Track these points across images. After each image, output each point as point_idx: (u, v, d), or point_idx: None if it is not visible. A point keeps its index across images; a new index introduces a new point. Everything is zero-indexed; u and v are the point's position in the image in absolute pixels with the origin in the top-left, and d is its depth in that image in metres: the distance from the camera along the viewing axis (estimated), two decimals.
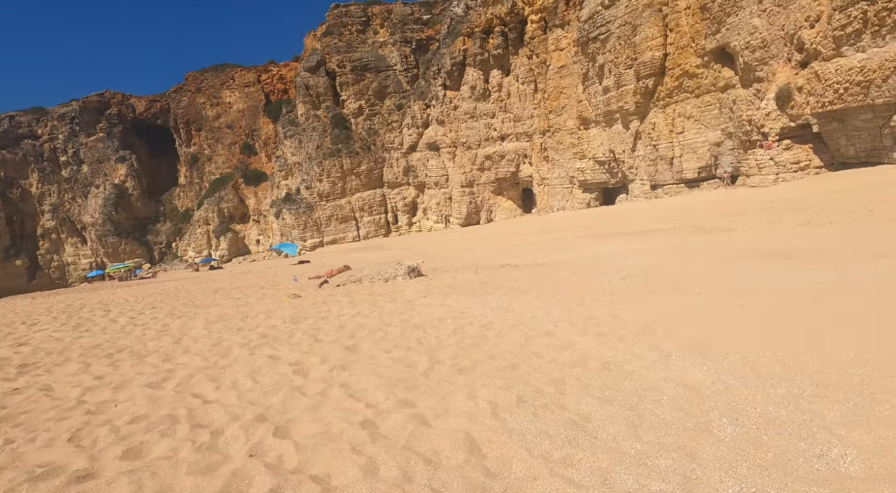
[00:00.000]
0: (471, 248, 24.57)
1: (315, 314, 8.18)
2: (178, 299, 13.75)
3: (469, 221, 51.67)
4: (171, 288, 19.86)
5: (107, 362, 5.93)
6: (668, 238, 15.86)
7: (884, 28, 21.41)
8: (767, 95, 26.71)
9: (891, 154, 22.65)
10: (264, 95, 69.01)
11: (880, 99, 21.92)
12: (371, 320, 7.00)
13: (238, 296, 12.81)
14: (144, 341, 7.33)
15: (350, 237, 55.14)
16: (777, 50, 26.50)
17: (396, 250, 31.84)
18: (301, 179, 56.00)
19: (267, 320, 8.11)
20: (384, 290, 10.71)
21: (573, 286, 8.01)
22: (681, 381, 3.06)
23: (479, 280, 10.44)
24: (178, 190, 73.16)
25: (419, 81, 56.89)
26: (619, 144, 37.03)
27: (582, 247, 16.62)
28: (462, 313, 6.62)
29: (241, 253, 64.20)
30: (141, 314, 11.00)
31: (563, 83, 43.21)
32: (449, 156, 53.55)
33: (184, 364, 5.43)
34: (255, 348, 5.86)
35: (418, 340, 5.26)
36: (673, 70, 32.01)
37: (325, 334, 6.27)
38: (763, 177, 26.61)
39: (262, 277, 21.24)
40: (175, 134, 73.11)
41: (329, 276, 16.48)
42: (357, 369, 4.35)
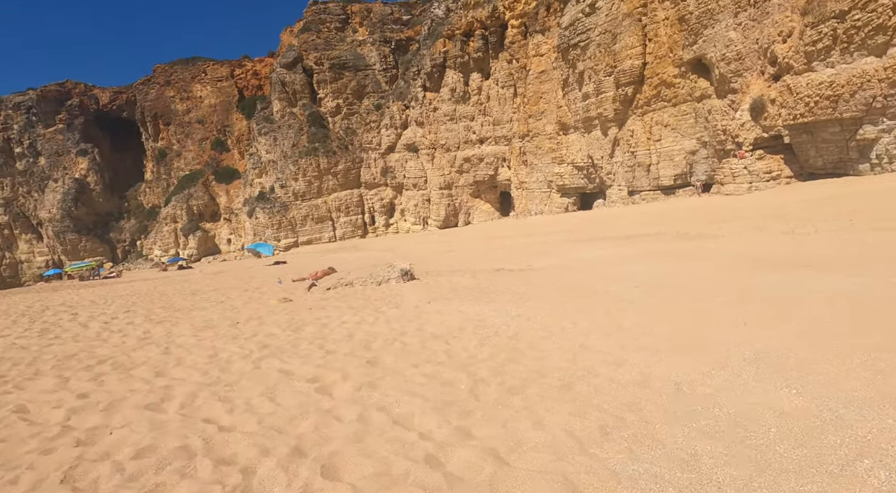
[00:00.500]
0: (454, 250, 24.20)
1: (314, 321, 7.62)
2: (153, 302, 12.82)
3: (447, 223, 51.35)
4: (141, 289, 18.68)
5: (88, 377, 5.24)
6: (656, 243, 15.89)
7: (852, 45, 22.23)
8: (742, 106, 27.41)
9: (856, 166, 23.55)
10: (238, 90, 66.91)
11: (847, 113, 22.75)
12: (380, 328, 6.51)
13: (220, 299, 12.02)
14: (126, 350, 6.62)
15: (326, 238, 53.98)
16: (751, 62, 27.23)
17: (376, 252, 31.18)
18: (276, 178, 54.47)
19: (262, 327, 7.49)
20: (381, 294, 10.20)
21: (586, 294, 7.72)
22: (776, 407, 2.75)
23: (479, 285, 10.06)
24: (143, 186, 70.04)
25: (398, 82, 56.28)
26: (597, 150, 37.41)
27: (571, 251, 16.48)
28: (481, 322, 6.21)
29: (210, 252, 61.94)
30: (114, 319, 10.13)
31: (543, 88, 43.44)
32: (428, 157, 53.14)
33: (181, 379, 4.83)
34: (259, 361, 5.29)
35: (446, 353, 4.82)
36: (651, 79, 32.53)
37: (335, 345, 5.75)
38: (737, 185, 27.26)
39: (240, 278, 20.27)
40: (142, 128, 70.03)
41: (315, 278, 15.80)
42: (388, 388, 3.89)
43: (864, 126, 22.52)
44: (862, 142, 22.88)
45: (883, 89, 21.44)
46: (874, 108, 21.86)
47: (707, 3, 28.56)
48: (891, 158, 22.22)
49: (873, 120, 22.16)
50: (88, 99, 71.89)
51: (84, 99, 71.38)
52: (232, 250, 61.72)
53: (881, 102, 21.60)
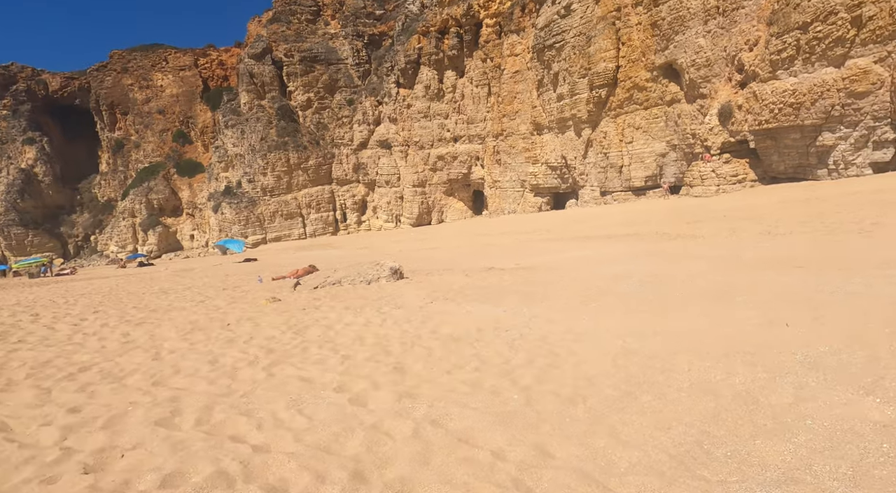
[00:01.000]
0: (434, 248, 23.87)
1: (314, 322, 7.16)
2: (123, 301, 11.91)
3: (420, 221, 50.95)
4: (103, 287, 17.44)
5: (74, 387, 4.66)
6: (639, 243, 16.06)
7: (813, 56, 23.24)
8: (711, 111, 28.27)
9: (814, 171, 24.68)
10: (202, 80, 64.20)
11: (808, 120, 23.80)
12: (391, 331, 6.14)
13: (199, 298, 11.27)
14: (109, 356, 5.99)
15: (296, 235, 52.56)
16: (719, 69, 28.11)
17: (352, 250, 30.49)
18: (243, 172, 52.57)
19: (258, 329, 6.98)
20: (375, 293, 9.79)
21: (593, 293, 7.58)
22: (870, 418, 2.61)
23: (478, 284, 9.80)
24: (98, 178, 66.22)
25: (371, 77, 55.37)
26: (571, 151, 37.86)
27: (556, 250, 16.46)
28: (498, 324, 5.95)
29: (172, 249, 59.25)
30: (84, 320, 9.30)
31: (517, 88, 43.63)
32: (401, 155, 52.54)
33: (185, 389, 4.33)
34: (270, 368, 4.84)
35: (478, 358, 4.53)
36: (624, 82, 33.14)
37: (349, 349, 5.35)
38: (706, 187, 28.09)
39: (212, 276, 19.27)
40: (97, 117, 66.13)
41: (297, 276, 15.17)
42: (431, 399, 3.57)
43: (823, 133, 23.62)
44: (821, 148, 24.00)
45: (841, 99, 22.53)
46: (832, 116, 22.95)
47: (678, 10, 29.29)
48: (846, 164, 23.39)
49: (831, 127, 23.27)
50: (37, 84, 67.28)
51: (32, 84, 66.76)
52: (195, 247, 59.24)
53: (839, 110, 22.70)
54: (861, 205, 16.44)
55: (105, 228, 61.81)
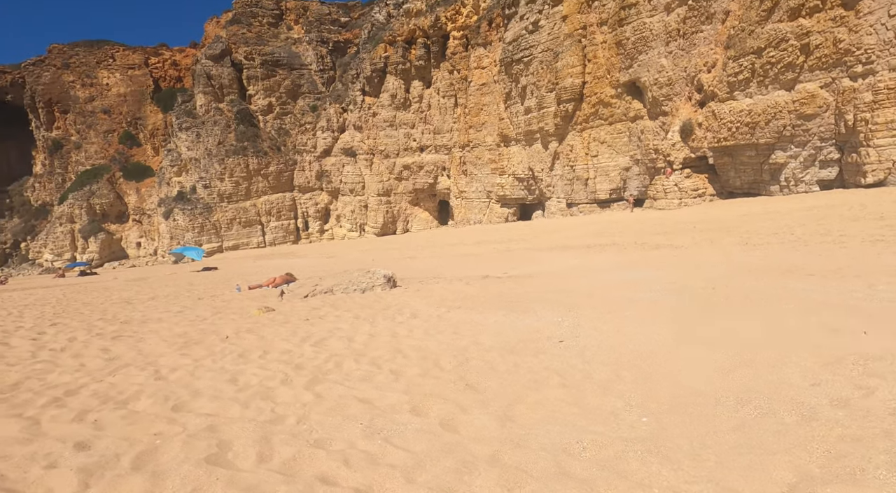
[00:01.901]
0: (411, 257, 23.20)
1: (328, 334, 6.42)
2: (82, 313, 10.52)
3: (385, 230, 50.02)
4: (49, 298, 15.54)
5: (69, 416, 3.74)
6: (625, 252, 16.14)
7: (767, 79, 24.68)
8: (673, 128, 29.41)
9: (768, 187, 26.09)
10: (153, 80, 60.59)
11: (763, 139, 25.18)
12: (424, 342, 5.54)
13: (175, 309, 10.09)
14: (97, 375, 5.02)
15: (255, 243, 50.20)
16: (680, 88, 29.36)
17: (319, 259, 29.26)
18: (198, 177, 49.75)
19: (266, 342, 6.16)
20: (375, 302, 9.09)
21: (619, 301, 7.28)
22: None
23: (484, 293, 9.32)
24: (32, 180, 60.73)
25: (336, 84, 54.21)
26: (538, 163, 38.35)
27: (544, 260, 16.27)
28: (541, 333, 5.49)
29: (115, 257, 55.01)
30: (42, 334, 8.02)
31: (484, 100, 43.93)
32: (366, 163, 51.57)
33: (217, 415, 3.55)
34: (311, 386, 4.12)
35: (554, 372, 4.04)
36: (590, 97, 34.00)
37: (392, 363, 4.71)
38: (669, 201, 29.08)
39: (174, 285, 17.70)
40: (31, 114, 60.81)
41: (274, 284, 14.17)
42: (539, 421, 3.04)
43: (776, 151, 25.05)
44: (773, 165, 25.41)
45: (791, 120, 23.98)
46: (784, 135, 24.39)
47: (642, 30, 30.43)
48: (796, 181, 24.86)
49: (783, 147, 24.71)
50: None
51: None
52: (142, 255, 55.31)
53: (790, 130, 24.15)
54: (820, 219, 17.34)
55: (38, 234, 56.53)
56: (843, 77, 22.06)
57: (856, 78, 21.62)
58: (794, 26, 23.18)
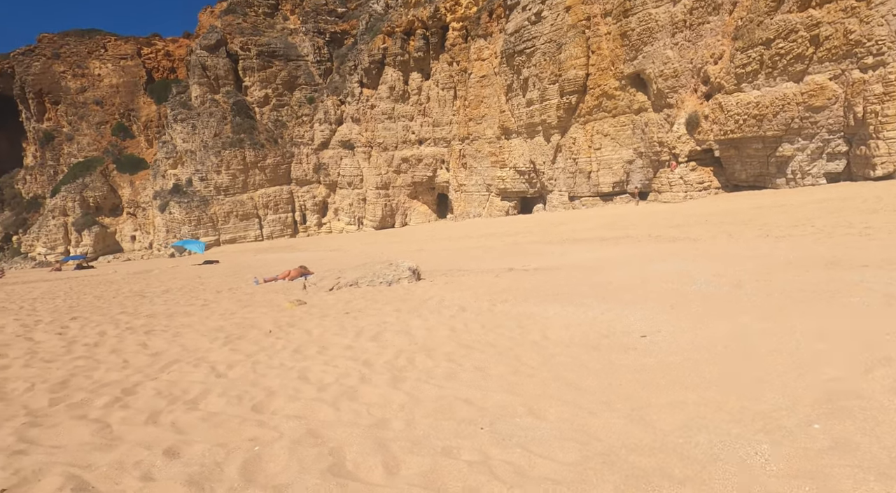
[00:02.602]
0: (419, 249, 22.83)
1: (377, 327, 6.03)
2: (99, 307, 10.00)
3: (384, 223, 49.56)
4: (56, 291, 14.94)
5: (140, 418, 3.30)
6: (640, 245, 15.88)
7: (775, 70, 24.49)
8: (679, 120, 29.20)
9: (774, 180, 25.99)
10: (146, 71, 59.26)
11: (770, 131, 25.04)
12: (490, 337, 5.17)
13: (199, 302, 9.62)
14: (149, 372, 4.57)
15: (252, 236, 49.50)
16: (686, 80, 29.13)
17: (323, 252, 28.78)
18: (194, 170, 48.83)
19: (316, 337, 5.75)
20: (408, 295, 8.72)
21: (667, 294, 6.93)
22: None
23: (519, 286, 8.95)
24: (23, 172, 59.31)
25: (333, 75, 53.40)
26: (539, 156, 38.03)
27: (560, 253, 15.96)
28: (613, 328, 5.15)
29: (110, 251, 53.98)
30: (66, 328, 7.53)
31: (484, 93, 43.44)
32: (364, 156, 50.98)
33: (308, 417, 3.13)
34: (396, 384, 3.70)
35: (662, 371, 3.68)
36: (594, 90, 33.66)
37: (471, 360, 4.33)
38: (674, 194, 28.94)
39: (182, 278, 17.18)
40: (21, 105, 59.27)
41: (290, 277, 13.77)
42: (689, 428, 2.68)
43: (783, 144, 24.93)
44: (780, 158, 25.30)
45: (799, 112, 23.83)
46: (792, 128, 24.25)
47: (647, 21, 30.09)
48: (803, 174, 24.78)
49: (790, 139, 24.59)
50: None
51: None
52: (137, 249, 54.36)
53: (798, 123, 24.02)
54: (836, 211, 17.14)
55: (31, 227, 55.28)
56: (853, 69, 21.92)
57: (866, 69, 21.48)
58: (804, 17, 22.97)
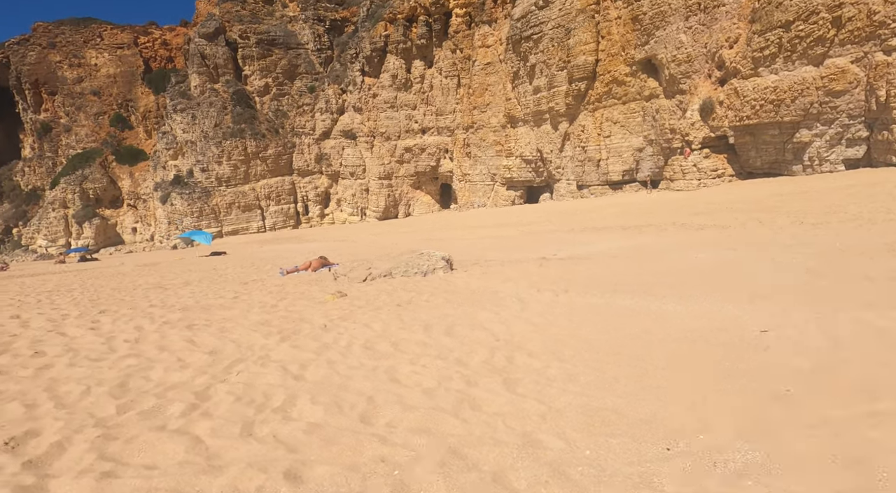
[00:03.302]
0: (432, 240, 22.18)
1: (442, 321, 5.45)
2: (122, 300, 9.30)
3: (387, 214, 48.85)
4: (68, 284, 14.20)
5: (234, 431, 2.65)
6: (666, 234, 15.24)
7: (794, 54, 23.79)
8: (692, 107, 28.53)
9: (790, 167, 25.42)
10: (143, 60, 57.81)
11: (788, 117, 24.41)
12: (582, 332, 4.65)
13: (230, 295, 8.96)
14: (213, 372, 3.96)
15: (254, 228, 48.72)
16: (699, 65, 28.41)
17: (331, 242, 28.06)
18: (195, 160, 47.83)
19: (375, 332, 5.15)
20: (448, 285, 8.12)
21: (749, 285, 6.35)
22: None
23: (571, 276, 8.28)
24: (21, 164, 58.01)
25: (334, 64, 52.27)
26: (547, 144, 37.35)
27: (587, 241, 15.34)
28: (707, 321, 4.61)
29: (111, 243, 53.06)
30: (97, 323, 6.81)
31: (489, 81, 42.58)
32: (366, 146, 50.08)
33: (438, 432, 2.49)
34: (512, 389, 3.10)
35: (826, 372, 3.15)
36: (603, 76, 32.91)
37: (580, 359, 3.79)
38: (687, 182, 28.37)
39: (196, 269, 16.51)
40: (18, 96, 57.81)
41: (312, 268, 13.16)
42: None
43: (801, 130, 24.31)
44: (797, 144, 24.70)
45: (819, 97, 23.19)
46: (810, 113, 23.63)
47: (660, 5, 29.27)
48: (821, 160, 24.22)
49: (808, 125, 23.97)
50: None
51: None
52: (138, 241, 53.46)
53: (817, 108, 23.39)
54: (869, 197, 16.43)
55: (31, 219, 54.20)
56: (876, 51, 21.26)
57: (890, 52, 20.81)
58: None
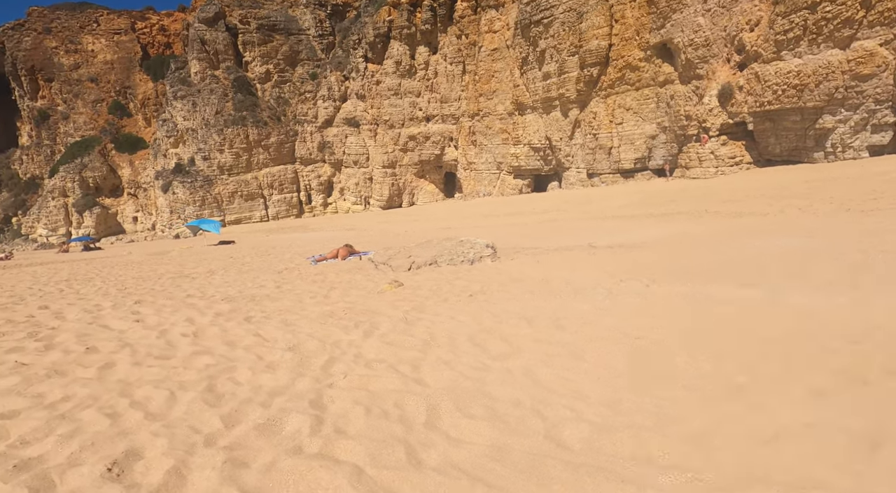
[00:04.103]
0: (447, 228, 21.28)
1: (536, 311, 4.76)
2: (155, 290, 8.42)
3: (391, 203, 47.94)
4: (85, 273, 13.26)
5: (397, 455, 1.96)
6: (702, 222, 14.30)
7: (820, 37, 22.91)
8: (710, 92, 27.69)
9: (811, 154, 24.66)
10: (141, 46, 56.09)
11: (811, 102, 23.59)
12: (702, 325, 3.94)
13: (271, 284, 8.07)
14: (311, 373, 3.25)
15: (257, 217, 47.70)
16: (718, 50, 27.51)
17: (340, 231, 27.13)
18: (197, 149, 46.57)
19: (468, 327, 4.45)
20: (507, 275, 7.37)
21: (857, 270, 5.66)
22: None
23: (634, 265, 7.49)
24: (19, 152, 56.40)
25: (336, 50, 50.88)
26: (556, 132, 36.46)
27: (619, 229, 14.46)
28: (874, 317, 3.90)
29: (112, 232, 51.88)
30: (138, 314, 6.06)
31: (496, 67, 41.50)
32: (370, 134, 48.96)
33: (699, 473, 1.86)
34: (713, 408, 2.45)
35: None
36: (616, 61, 31.95)
37: (738, 360, 3.08)
38: (704, 169, 27.62)
39: (213, 258, 15.66)
40: (14, 82, 56.01)
41: (342, 256, 12.40)
42: None
43: (824, 116, 23.50)
44: (820, 130, 23.91)
45: (845, 81, 22.37)
46: (835, 98, 22.82)
47: None
48: (844, 147, 23.48)
49: (832, 110, 23.15)
50: None
51: None
52: (139, 230, 52.31)
53: (842, 93, 22.57)
54: None
55: (30, 208, 52.85)
56: None
57: None
58: None
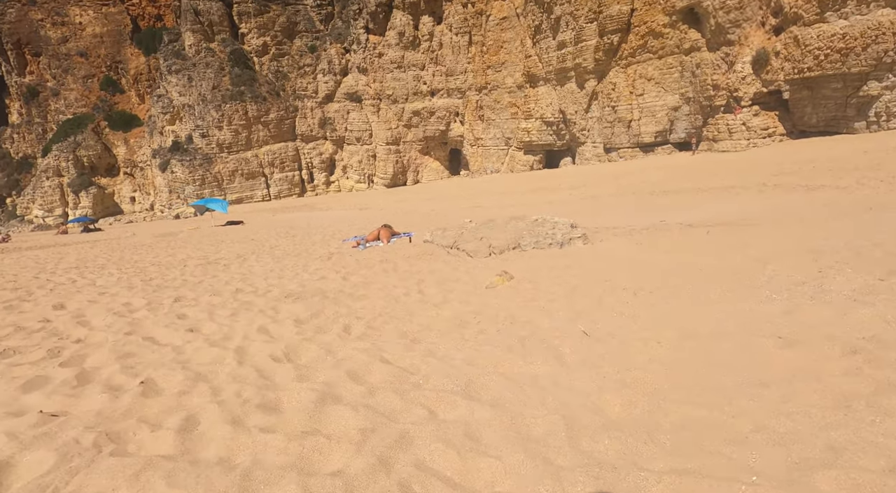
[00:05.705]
0: (476, 206, 19.23)
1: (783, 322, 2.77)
2: (186, 280, 6.47)
3: (395, 181, 45.32)
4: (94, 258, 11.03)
5: None
6: (767, 195, 12.47)
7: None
8: (742, 59, 25.14)
9: (851, 124, 22.33)
10: (131, 18, 52.02)
11: (856, 68, 21.18)
12: None
13: (339, 274, 5.98)
14: (436, 402, 1.40)
15: (259, 196, 45.05)
16: (752, 12, 24.82)
17: (352, 211, 24.83)
18: (194, 125, 43.46)
19: (673, 335, 2.50)
20: (635, 261, 5.41)
21: None
22: None
23: (778, 248, 5.62)
24: (9, 131, 52.82)
25: (335, 21, 47.26)
26: (571, 104, 33.85)
27: (677, 206, 12.39)
28: None
29: (110, 213, 49.09)
30: (184, 317, 4.02)
31: (505, 37, 38.38)
32: (373, 109, 45.88)
33: None
34: None
35: None
36: (639, 27, 29.14)
37: None
38: (735, 142, 25.35)
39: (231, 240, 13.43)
40: (1, 57, 52.04)
41: (385, 239, 10.24)
42: None
43: (869, 82, 21.13)
44: (863, 98, 21.58)
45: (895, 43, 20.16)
46: (884, 62, 20.41)
47: None
48: (889, 115, 21.18)
49: (879, 76, 20.78)
50: None
51: None
52: (137, 210, 49.54)
53: (892, 56, 20.23)
54: None
55: (24, 188, 49.79)
56: None
57: None
58: None
